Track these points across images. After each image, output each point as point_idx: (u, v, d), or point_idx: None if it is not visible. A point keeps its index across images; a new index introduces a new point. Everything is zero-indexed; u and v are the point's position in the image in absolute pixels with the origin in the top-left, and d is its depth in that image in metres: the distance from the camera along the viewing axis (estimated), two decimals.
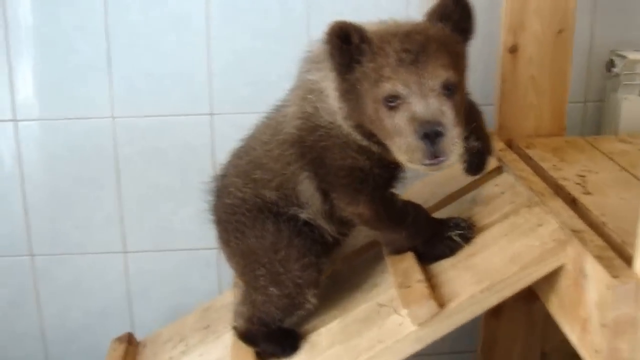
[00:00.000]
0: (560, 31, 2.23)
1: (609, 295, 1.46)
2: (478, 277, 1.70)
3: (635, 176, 2.00)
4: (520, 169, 2.05)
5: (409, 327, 1.70)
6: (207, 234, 2.58)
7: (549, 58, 2.25)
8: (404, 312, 1.71)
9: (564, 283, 1.68)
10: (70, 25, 2.43)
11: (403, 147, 1.60)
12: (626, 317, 1.46)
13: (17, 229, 2.62)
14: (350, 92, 1.68)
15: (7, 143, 2.54)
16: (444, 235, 1.85)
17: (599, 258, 1.53)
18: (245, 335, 1.94)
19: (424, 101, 1.57)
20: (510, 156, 2.15)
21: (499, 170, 2.12)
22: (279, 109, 1.95)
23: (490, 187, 2.06)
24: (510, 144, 2.29)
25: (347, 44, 1.63)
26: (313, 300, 1.86)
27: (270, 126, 1.92)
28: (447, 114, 1.57)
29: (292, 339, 1.89)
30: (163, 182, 2.60)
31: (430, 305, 1.66)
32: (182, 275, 2.72)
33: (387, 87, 1.59)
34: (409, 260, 1.84)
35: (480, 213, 1.96)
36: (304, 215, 1.87)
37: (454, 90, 1.61)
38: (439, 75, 1.59)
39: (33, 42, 2.44)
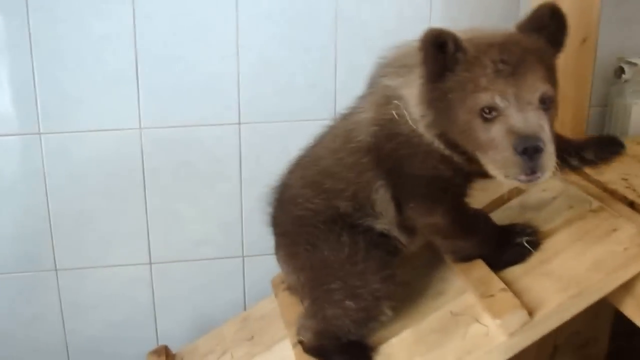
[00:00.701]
0: (584, 40, 2.28)
1: None
2: (562, 284, 1.72)
3: None
4: (567, 173, 2.07)
5: (498, 336, 1.69)
6: (232, 244, 2.59)
7: (572, 65, 2.30)
8: (492, 321, 1.70)
9: None
10: (97, 35, 2.32)
11: (499, 161, 1.58)
12: None
13: (42, 244, 2.51)
14: (438, 100, 1.65)
15: (33, 156, 2.42)
16: (513, 242, 1.86)
17: None
18: (315, 350, 1.89)
19: (522, 115, 1.55)
20: None
21: None
22: (347, 116, 1.90)
23: (538, 193, 2.09)
24: None
25: (442, 53, 1.59)
26: (389, 312, 1.83)
27: (339, 134, 1.88)
28: (545, 129, 1.56)
29: (364, 351, 1.85)
30: (189, 192, 2.55)
31: (522, 315, 1.67)
32: (208, 286, 2.67)
33: (484, 98, 1.56)
34: (482, 268, 1.84)
35: (536, 219, 1.97)
36: (379, 226, 1.83)
37: (550, 104, 1.60)
38: (537, 88, 1.57)
39: (59, 52, 2.32)
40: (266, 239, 2.49)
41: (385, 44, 2.30)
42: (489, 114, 1.57)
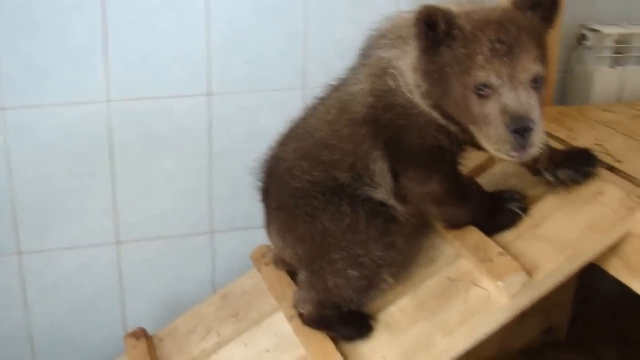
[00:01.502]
0: None
1: None
2: (557, 247, 1.79)
3: None
4: (545, 140, 2.14)
5: (499, 298, 1.75)
6: (201, 219, 2.53)
7: None
8: (493, 284, 1.76)
9: (631, 247, 1.81)
10: (65, 5, 2.21)
11: (492, 136, 1.65)
12: None
13: (4, 226, 2.39)
14: (434, 72, 1.69)
15: None
16: (503, 207, 1.92)
17: None
18: (316, 321, 1.90)
19: (515, 94, 1.62)
20: None
21: None
22: (339, 87, 1.92)
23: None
24: None
25: (433, 30, 1.64)
26: (390, 279, 1.86)
27: (333, 105, 1.89)
28: (535, 108, 1.63)
29: (365, 320, 1.88)
30: (158, 167, 2.47)
31: (522, 276, 1.73)
32: (175, 264, 2.61)
33: (481, 76, 1.62)
34: (476, 234, 1.89)
35: (520, 185, 2.03)
36: (378, 195, 1.85)
37: (541, 83, 1.67)
38: (530, 69, 1.63)
39: (23, 22, 2.20)
40: (235, 214, 2.51)
41: (357, 13, 2.33)
42: (483, 90, 1.63)
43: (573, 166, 1.91)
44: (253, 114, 2.49)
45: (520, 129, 1.59)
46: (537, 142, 1.63)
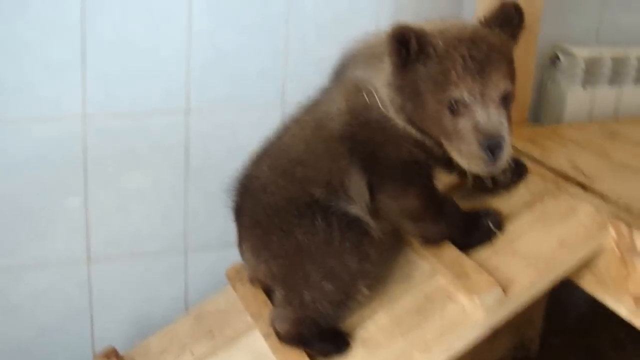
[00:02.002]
0: (527, 29, 2.38)
1: None
2: (531, 262, 1.82)
3: (614, 161, 2.22)
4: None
5: (475, 313, 1.77)
6: (175, 238, 2.52)
7: (517, 53, 2.39)
8: (468, 300, 1.78)
9: (603, 262, 1.85)
10: (44, 20, 2.20)
11: (463, 151, 1.70)
12: None
13: None
14: (407, 88, 1.74)
15: None
16: (479, 224, 1.95)
17: None
18: (293, 339, 1.90)
19: (486, 111, 1.67)
20: None
21: None
22: (313, 107, 1.95)
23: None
24: None
25: (405, 48, 1.69)
26: (366, 291, 1.87)
27: (308, 124, 1.92)
28: (505, 125, 1.69)
29: (342, 337, 1.89)
30: (134, 184, 2.45)
31: (497, 292, 1.76)
32: (148, 283, 2.58)
33: (454, 92, 1.67)
34: (452, 250, 1.92)
35: (497, 202, 2.06)
36: (353, 210, 1.86)
37: (509, 100, 1.73)
38: (500, 86, 1.69)
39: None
40: (209, 233, 2.50)
41: (337, 31, 2.36)
42: (456, 107, 1.68)
43: (509, 170, 2.00)
44: (231, 131, 2.50)
45: (492, 145, 1.65)
46: (506, 156, 1.69)
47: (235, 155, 2.04)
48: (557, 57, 2.65)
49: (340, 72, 1.94)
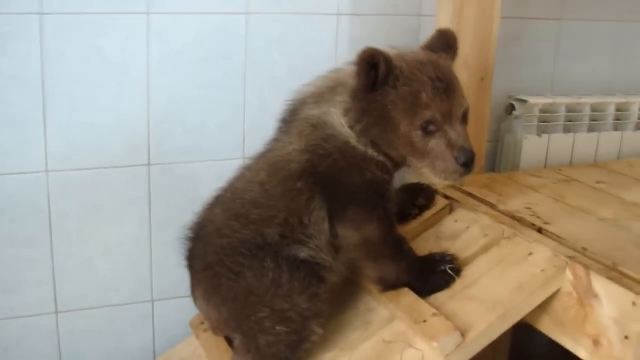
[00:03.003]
0: (482, 79, 2.45)
1: (635, 310, 1.65)
2: (488, 306, 1.83)
3: (569, 205, 2.25)
4: (475, 204, 2.23)
5: (434, 358, 1.78)
6: (141, 288, 2.50)
7: (473, 103, 2.43)
8: (427, 345, 1.78)
9: (561, 304, 1.86)
10: (3, 76, 2.21)
11: (439, 168, 1.82)
12: None
13: None
14: (374, 110, 1.82)
15: None
16: (436, 269, 1.96)
17: (610, 278, 1.72)
18: None
19: (455, 128, 1.80)
20: (455, 194, 2.31)
21: (449, 207, 2.26)
22: (265, 154, 2.00)
23: (450, 223, 2.21)
24: None
25: (374, 70, 1.77)
26: (319, 330, 1.87)
27: (263, 168, 1.95)
28: (468, 139, 1.81)
29: None
30: (98, 237, 2.45)
31: (456, 336, 1.76)
32: (116, 333, 2.56)
33: (427, 114, 1.78)
34: (410, 296, 1.93)
35: (453, 248, 2.08)
36: (304, 253, 1.88)
37: (467, 116, 1.87)
38: (462, 104, 1.84)
39: None
40: (176, 282, 2.49)
41: (293, 83, 2.39)
42: (428, 127, 1.79)
43: (420, 193, 2.24)
44: (193, 184, 2.51)
45: (467, 159, 1.78)
46: (474, 169, 1.84)
47: (196, 207, 2.06)
48: (513, 107, 2.70)
49: (290, 118, 1.98)
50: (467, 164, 1.79)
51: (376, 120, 1.83)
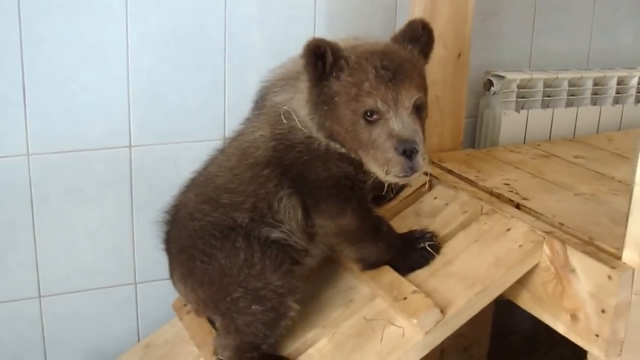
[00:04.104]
0: (459, 55, 2.45)
1: (611, 284, 1.67)
2: (467, 283, 1.85)
3: (548, 180, 2.27)
4: (454, 181, 2.24)
5: (414, 336, 1.79)
6: (124, 271, 2.50)
7: (450, 79, 2.47)
8: (407, 322, 1.80)
9: (539, 279, 1.88)
10: None
11: (380, 159, 1.75)
12: (624, 302, 1.68)
13: None
14: (324, 102, 1.80)
15: None
16: (415, 247, 1.97)
17: (586, 253, 1.74)
18: None
19: (400, 119, 1.74)
20: (435, 170, 2.32)
21: (429, 184, 2.27)
22: (238, 137, 2.00)
23: (430, 200, 2.22)
24: None
25: (321, 60, 1.75)
26: (296, 306, 1.87)
27: (233, 153, 1.96)
28: (419, 132, 1.76)
29: None
30: (80, 220, 2.44)
31: (435, 313, 1.78)
32: (100, 316, 2.56)
33: (368, 102, 1.74)
34: (390, 274, 1.94)
35: (433, 225, 2.10)
36: (275, 234, 1.90)
37: (422, 109, 1.81)
38: (412, 95, 1.76)
39: None
40: (158, 265, 2.47)
41: (273, 63, 2.38)
42: (371, 116, 1.74)
43: None
44: (174, 165, 2.50)
45: (407, 150, 1.71)
46: (422, 164, 1.75)
47: (178, 189, 2.06)
48: (491, 83, 2.70)
49: (261, 102, 1.98)
50: (407, 154, 1.70)
51: (327, 112, 1.81)
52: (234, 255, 1.85)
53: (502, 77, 2.69)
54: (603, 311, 1.71)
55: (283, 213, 1.89)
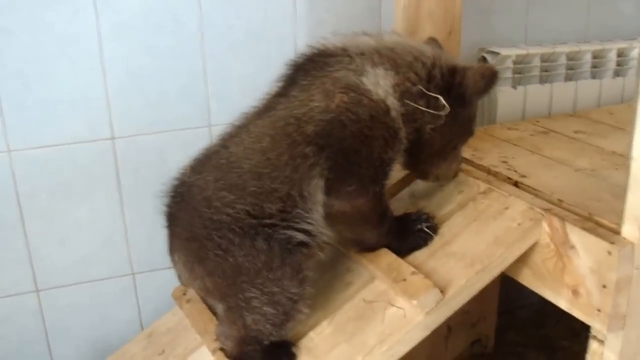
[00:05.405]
0: (450, 33, 2.42)
1: (611, 259, 1.66)
2: (467, 262, 1.84)
3: (547, 157, 2.25)
4: None
5: (415, 316, 1.78)
6: (120, 262, 2.49)
7: None
8: (408, 303, 1.79)
9: (540, 256, 1.87)
10: None
11: (447, 171, 2.05)
12: (625, 276, 1.67)
13: None
14: (453, 115, 1.89)
15: None
16: (414, 228, 1.96)
17: (585, 229, 1.73)
18: (239, 357, 1.89)
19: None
20: None
21: None
22: (269, 113, 1.84)
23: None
24: None
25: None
26: (306, 310, 1.85)
27: (266, 133, 1.80)
28: None
29: (287, 350, 1.88)
30: (70, 214, 2.42)
31: (435, 293, 1.77)
32: (101, 307, 2.56)
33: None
34: (389, 256, 1.92)
35: (430, 206, 2.09)
36: (299, 237, 1.81)
37: None
38: None
39: None
40: (154, 255, 2.49)
41: (252, 46, 2.36)
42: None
43: None
44: (160, 155, 2.47)
45: None
46: None
47: (165, 179, 2.01)
48: (485, 59, 2.68)
49: (315, 73, 1.84)
50: None
51: (446, 125, 1.90)
52: (253, 255, 1.77)
53: (497, 54, 2.67)
54: (604, 286, 1.70)
55: (311, 198, 1.78)
